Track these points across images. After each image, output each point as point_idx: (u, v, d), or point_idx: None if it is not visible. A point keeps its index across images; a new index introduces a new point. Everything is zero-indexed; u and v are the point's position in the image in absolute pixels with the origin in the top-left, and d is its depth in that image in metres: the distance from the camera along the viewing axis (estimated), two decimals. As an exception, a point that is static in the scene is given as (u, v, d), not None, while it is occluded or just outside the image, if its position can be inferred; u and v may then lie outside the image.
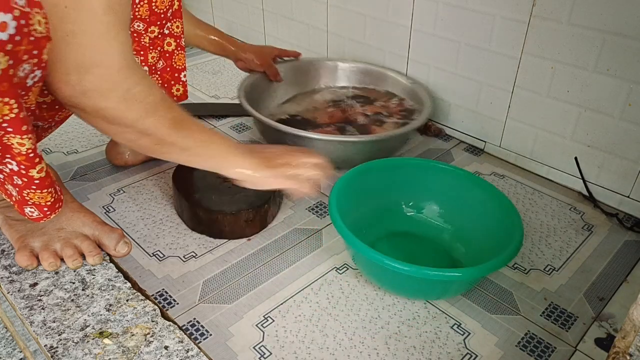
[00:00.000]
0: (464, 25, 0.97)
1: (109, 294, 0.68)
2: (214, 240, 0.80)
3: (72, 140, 1.04)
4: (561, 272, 0.75)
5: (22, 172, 0.60)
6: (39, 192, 0.63)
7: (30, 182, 0.61)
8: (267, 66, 1.09)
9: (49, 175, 0.63)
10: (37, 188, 0.62)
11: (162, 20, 0.81)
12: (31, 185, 0.62)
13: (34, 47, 0.52)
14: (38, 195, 0.63)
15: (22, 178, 0.60)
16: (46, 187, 0.63)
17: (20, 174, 0.60)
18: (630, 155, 0.83)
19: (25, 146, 0.57)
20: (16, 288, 0.68)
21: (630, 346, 0.43)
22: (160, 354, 0.60)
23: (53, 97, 0.64)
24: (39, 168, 0.60)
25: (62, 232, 0.73)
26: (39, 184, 0.62)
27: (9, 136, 0.56)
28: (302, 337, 0.64)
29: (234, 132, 1.09)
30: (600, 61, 0.81)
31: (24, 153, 0.58)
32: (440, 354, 0.63)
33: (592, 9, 0.79)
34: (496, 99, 0.98)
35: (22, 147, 0.57)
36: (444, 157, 1.02)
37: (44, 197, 0.64)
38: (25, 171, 0.60)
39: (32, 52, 0.52)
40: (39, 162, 0.60)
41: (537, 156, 0.96)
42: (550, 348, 0.64)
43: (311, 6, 1.26)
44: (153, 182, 0.92)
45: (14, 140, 0.56)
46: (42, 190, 0.63)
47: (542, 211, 0.87)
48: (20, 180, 0.61)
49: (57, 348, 0.60)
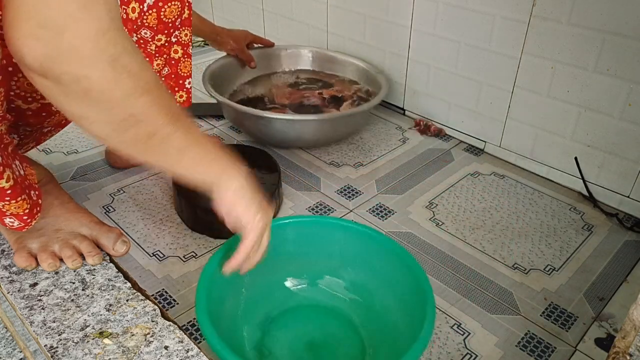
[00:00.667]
0: (464, 25, 0.97)
1: (109, 294, 0.68)
2: (214, 240, 0.80)
3: (72, 140, 1.04)
4: (561, 272, 0.75)
5: None
6: (14, 202, 0.60)
7: (3, 194, 0.58)
8: (241, 51, 1.14)
9: (18, 182, 0.60)
10: (10, 198, 0.59)
11: (170, 29, 0.81)
12: (4, 197, 0.59)
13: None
14: (14, 205, 0.61)
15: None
16: (19, 195, 0.61)
17: None
18: (630, 155, 0.83)
19: None
20: (16, 288, 0.68)
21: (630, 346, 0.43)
22: (160, 354, 0.60)
23: (38, 104, 0.62)
24: (6, 177, 0.57)
25: (60, 232, 0.73)
26: (11, 193, 0.59)
27: None
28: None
29: (233, 132, 1.09)
30: (600, 61, 0.81)
31: None
32: (440, 354, 0.63)
33: (592, 9, 0.79)
34: (496, 99, 0.98)
35: None
36: (444, 157, 1.02)
37: (21, 206, 0.61)
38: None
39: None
40: (3, 170, 0.57)
41: (537, 156, 0.96)
42: (550, 348, 0.64)
43: (311, 6, 1.26)
44: (153, 182, 0.92)
45: None
46: (16, 200, 0.60)
47: (542, 211, 0.87)
48: None
49: (57, 348, 0.60)
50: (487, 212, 0.87)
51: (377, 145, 1.05)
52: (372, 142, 1.07)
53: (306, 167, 0.98)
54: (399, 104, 1.17)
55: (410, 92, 1.13)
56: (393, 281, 0.63)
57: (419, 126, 1.11)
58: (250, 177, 0.57)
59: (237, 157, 0.57)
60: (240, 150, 0.94)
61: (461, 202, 0.89)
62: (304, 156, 1.02)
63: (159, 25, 0.79)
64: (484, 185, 0.93)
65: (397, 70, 1.13)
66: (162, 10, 0.77)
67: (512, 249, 0.79)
